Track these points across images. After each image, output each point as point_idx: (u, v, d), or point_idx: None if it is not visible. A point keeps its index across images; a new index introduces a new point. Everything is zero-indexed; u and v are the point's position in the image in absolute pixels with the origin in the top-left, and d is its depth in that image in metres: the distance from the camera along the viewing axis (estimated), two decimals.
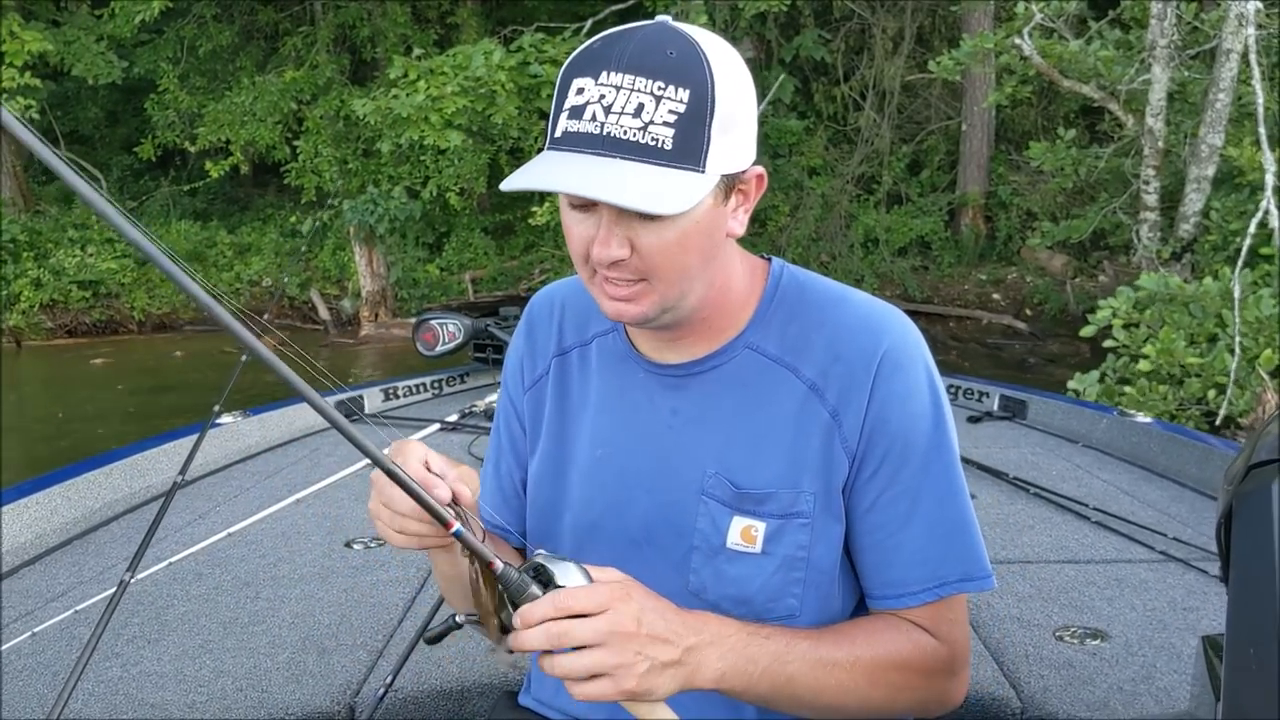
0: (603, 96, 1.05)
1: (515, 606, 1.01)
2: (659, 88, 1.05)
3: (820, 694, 1.14)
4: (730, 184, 1.14)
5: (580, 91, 1.07)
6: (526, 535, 1.41)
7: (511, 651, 1.03)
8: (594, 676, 1.01)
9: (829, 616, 1.26)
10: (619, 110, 1.05)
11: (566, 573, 1.01)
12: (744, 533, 1.21)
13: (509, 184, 1.08)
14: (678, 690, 1.05)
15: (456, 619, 1.09)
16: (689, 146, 1.06)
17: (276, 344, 0.98)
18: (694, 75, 1.06)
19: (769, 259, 1.31)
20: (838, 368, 1.20)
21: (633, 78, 1.05)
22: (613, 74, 1.05)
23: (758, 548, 1.21)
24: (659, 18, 1.13)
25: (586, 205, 1.11)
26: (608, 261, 1.11)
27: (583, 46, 1.12)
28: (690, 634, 1.05)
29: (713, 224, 1.13)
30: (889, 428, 1.19)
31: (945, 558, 1.21)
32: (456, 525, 1.01)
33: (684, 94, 1.05)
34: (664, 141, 1.05)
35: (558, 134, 1.08)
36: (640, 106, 1.04)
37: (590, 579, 1.03)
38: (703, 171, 1.07)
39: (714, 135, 1.07)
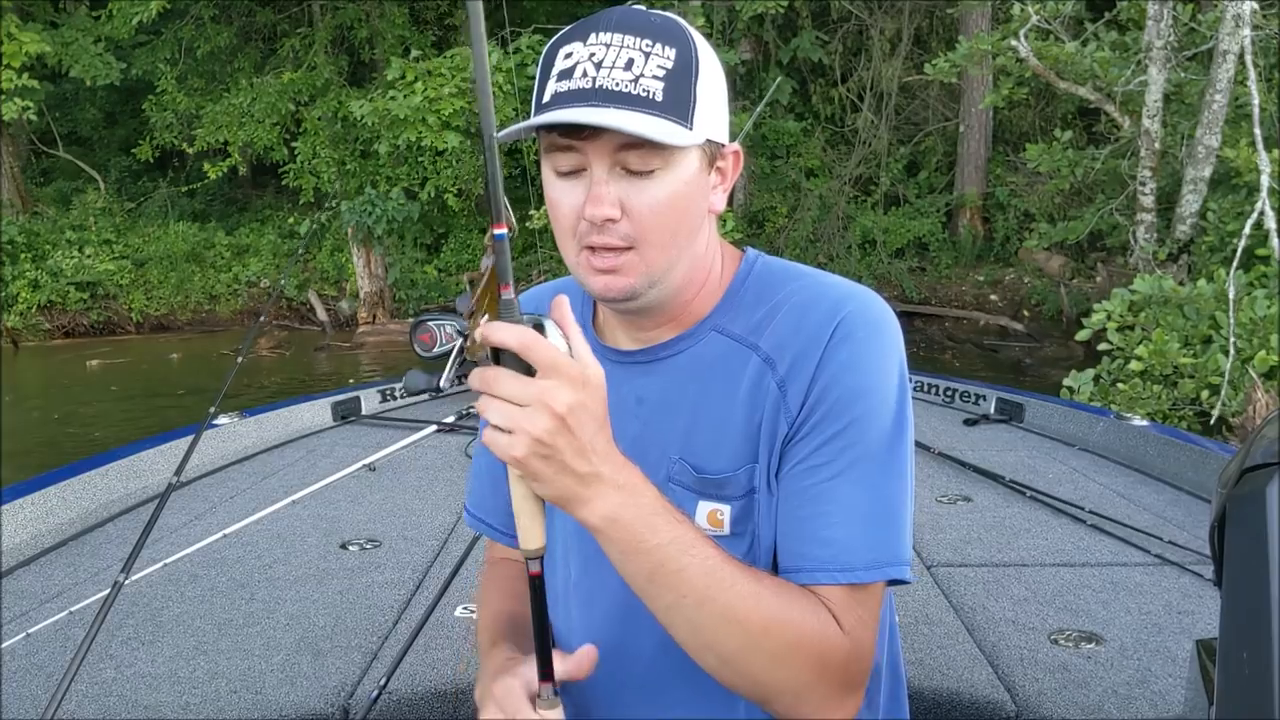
0: (593, 54, 1.07)
1: None
2: (647, 44, 1.08)
3: (703, 607, 1.04)
4: (712, 155, 1.15)
5: (569, 56, 1.09)
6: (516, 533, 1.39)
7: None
8: (501, 428, 0.95)
9: None
10: (610, 65, 1.07)
11: (556, 339, 0.96)
12: (710, 517, 1.19)
13: (504, 134, 1.09)
14: (557, 501, 0.99)
15: None
16: (678, 100, 1.08)
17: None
18: (678, 37, 1.10)
19: (744, 250, 1.29)
20: (795, 340, 1.16)
21: (621, 35, 1.08)
22: (601, 34, 1.08)
23: (726, 530, 1.19)
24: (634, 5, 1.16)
25: (575, 171, 1.11)
26: (600, 219, 1.09)
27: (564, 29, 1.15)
28: (610, 466, 0.99)
29: (698, 191, 1.14)
30: (829, 395, 1.14)
31: (855, 543, 1.12)
32: (503, 229, 0.92)
33: (671, 52, 1.08)
34: (655, 93, 1.07)
35: (546, 99, 1.09)
36: (630, 61, 1.07)
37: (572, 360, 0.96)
38: (690, 128, 1.09)
39: (699, 95, 1.10)
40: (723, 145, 1.16)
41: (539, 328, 0.96)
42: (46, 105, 16.70)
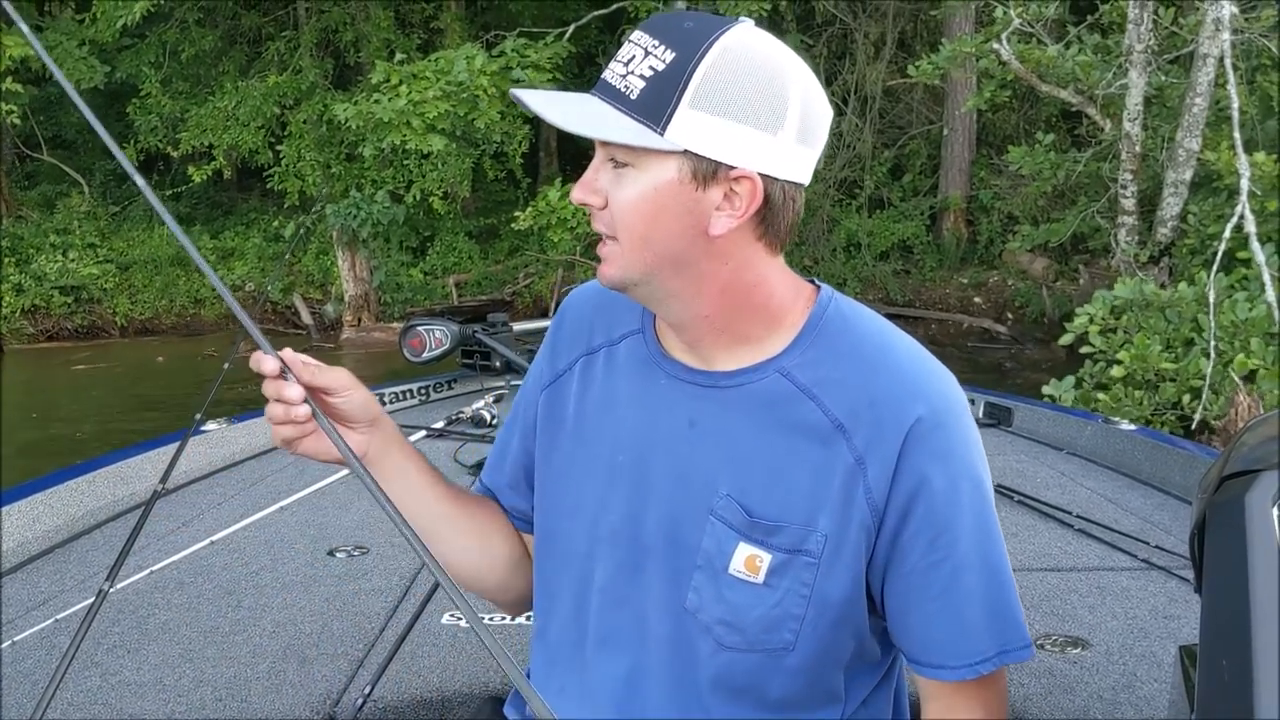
0: (621, 49, 1.14)
1: None
2: (654, 45, 1.10)
3: None
4: (709, 172, 1.11)
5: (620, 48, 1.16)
6: (534, 526, 1.40)
7: None
8: None
9: (830, 655, 1.22)
10: (620, 60, 1.13)
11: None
12: (748, 561, 1.18)
13: (519, 92, 1.15)
14: None
15: None
16: (653, 103, 1.09)
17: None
18: (689, 45, 1.09)
19: (818, 285, 1.27)
20: (869, 413, 1.15)
21: (644, 35, 1.12)
22: (636, 31, 1.13)
23: (760, 578, 1.18)
24: (741, 18, 1.16)
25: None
26: (578, 201, 1.17)
27: None
28: None
29: (679, 202, 1.12)
30: (923, 491, 1.15)
31: (983, 633, 1.17)
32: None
33: (669, 55, 1.09)
34: (632, 91, 1.10)
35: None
36: (632, 58, 1.11)
37: None
38: (660, 132, 1.09)
39: (683, 103, 1.08)
40: (729, 167, 1.11)
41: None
42: (30, 109, 16.58)
